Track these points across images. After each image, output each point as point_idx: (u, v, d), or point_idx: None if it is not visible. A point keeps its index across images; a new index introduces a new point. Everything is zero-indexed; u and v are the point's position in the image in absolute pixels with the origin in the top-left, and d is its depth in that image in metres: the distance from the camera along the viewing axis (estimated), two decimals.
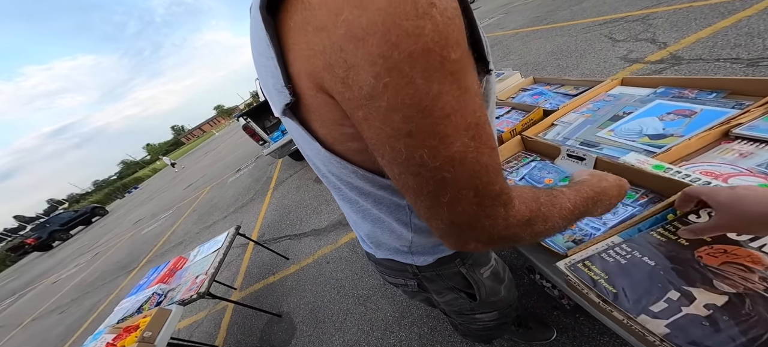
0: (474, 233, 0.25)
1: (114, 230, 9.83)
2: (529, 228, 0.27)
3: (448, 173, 0.21)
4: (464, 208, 0.23)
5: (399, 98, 0.18)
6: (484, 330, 0.69)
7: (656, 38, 2.00)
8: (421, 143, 0.20)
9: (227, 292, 2.20)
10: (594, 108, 0.80)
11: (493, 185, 0.23)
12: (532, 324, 1.00)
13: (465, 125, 0.20)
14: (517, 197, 0.26)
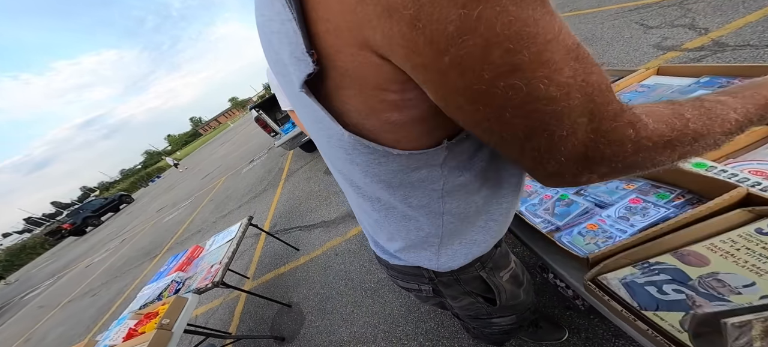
0: (594, 164, 0.22)
1: (139, 218, 10.49)
2: (671, 152, 0.23)
3: (564, 103, 0.19)
4: (581, 138, 0.20)
5: (497, 28, 0.16)
6: (500, 334, 0.66)
7: (696, 23, 1.81)
8: (533, 76, 0.17)
9: (240, 281, 2.30)
10: (624, 99, 0.73)
11: (609, 104, 0.20)
12: (542, 324, 0.98)
13: (566, 48, 0.18)
14: (647, 115, 0.22)
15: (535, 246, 0.61)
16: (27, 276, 14.17)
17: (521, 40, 0.16)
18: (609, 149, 0.21)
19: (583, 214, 0.59)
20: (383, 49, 0.18)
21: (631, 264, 0.46)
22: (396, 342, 1.26)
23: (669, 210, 0.50)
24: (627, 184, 0.58)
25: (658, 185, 0.54)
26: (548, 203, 0.65)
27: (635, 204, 0.54)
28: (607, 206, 0.57)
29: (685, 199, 0.51)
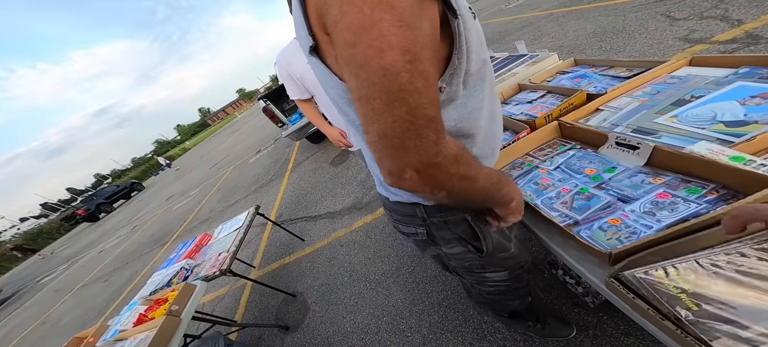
0: (405, 154, 0.30)
1: (149, 206, 10.78)
2: (456, 165, 0.33)
3: (378, 79, 0.27)
4: (396, 120, 0.28)
5: (350, 19, 0.26)
6: (497, 294, 0.69)
7: (728, 15, 1.71)
8: (360, 51, 0.26)
9: (247, 270, 2.34)
10: (652, 92, 0.69)
11: (425, 108, 0.29)
12: (549, 320, 0.96)
13: (401, 48, 0.26)
14: (449, 136, 0.33)
15: (550, 241, 0.59)
16: (44, 260, 14.84)
17: (361, 28, 0.25)
18: (418, 141, 0.29)
19: (605, 208, 0.56)
20: (327, 31, 0.30)
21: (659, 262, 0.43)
22: (400, 334, 1.26)
23: (700, 206, 0.47)
24: (654, 178, 0.55)
25: (689, 179, 0.51)
26: (566, 197, 0.62)
27: (663, 199, 0.51)
28: (631, 201, 0.54)
29: (718, 194, 0.47)
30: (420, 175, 0.31)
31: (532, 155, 0.78)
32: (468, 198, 0.39)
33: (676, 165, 0.53)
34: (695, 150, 0.50)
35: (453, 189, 0.35)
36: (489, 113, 0.45)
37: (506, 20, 4.67)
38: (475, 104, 0.41)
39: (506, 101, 1.09)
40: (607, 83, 0.83)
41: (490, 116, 0.46)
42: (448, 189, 0.35)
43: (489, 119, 0.45)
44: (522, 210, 0.48)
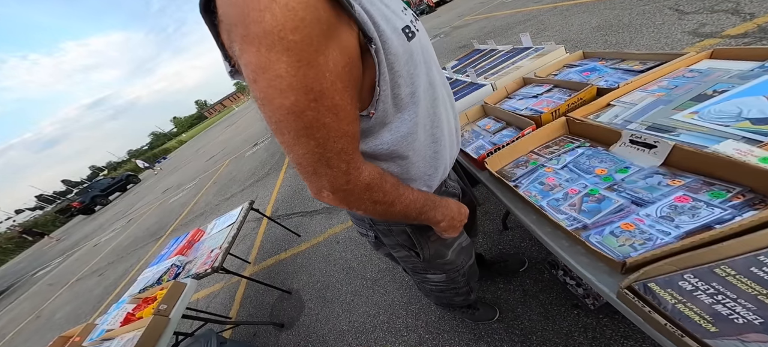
0: (319, 179, 0.34)
1: (145, 198, 10.68)
2: (368, 193, 0.37)
3: (283, 117, 0.29)
4: (307, 153, 0.32)
5: (249, 58, 0.27)
6: (437, 292, 0.77)
7: (740, 8, 1.65)
8: (260, 89, 0.28)
9: (242, 265, 2.30)
10: (669, 86, 0.64)
11: (335, 142, 0.32)
12: (479, 306, 1.08)
13: (301, 88, 0.27)
14: (365, 165, 0.37)
15: (556, 245, 0.55)
16: (40, 253, 14.78)
17: (259, 68, 0.27)
18: (329, 171, 0.33)
19: (617, 211, 0.51)
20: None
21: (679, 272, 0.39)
22: (396, 333, 1.24)
23: (725, 212, 0.43)
24: (672, 179, 0.50)
25: (712, 182, 0.47)
26: (575, 198, 0.58)
27: (682, 203, 0.47)
28: (646, 204, 0.50)
29: (745, 199, 0.43)
30: (335, 195, 0.35)
31: (537, 153, 0.74)
32: (387, 218, 0.44)
33: (698, 166, 0.48)
34: (721, 150, 0.45)
35: (368, 210, 0.39)
36: (428, 136, 0.45)
37: (509, 13, 4.57)
38: (409, 127, 0.41)
39: (510, 95, 1.03)
40: (618, 77, 0.78)
41: (430, 138, 0.46)
42: (363, 210, 0.39)
43: (428, 140, 0.46)
44: (457, 229, 0.53)
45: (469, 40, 4.41)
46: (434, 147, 0.47)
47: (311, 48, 0.27)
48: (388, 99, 0.36)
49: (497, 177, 0.67)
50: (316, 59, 0.27)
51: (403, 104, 0.38)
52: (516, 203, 0.64)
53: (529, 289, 1.11)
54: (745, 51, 0.59)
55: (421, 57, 0.38)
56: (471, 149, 0.87)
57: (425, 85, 0.41)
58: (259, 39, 0.25)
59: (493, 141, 0.85)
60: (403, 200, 0.42)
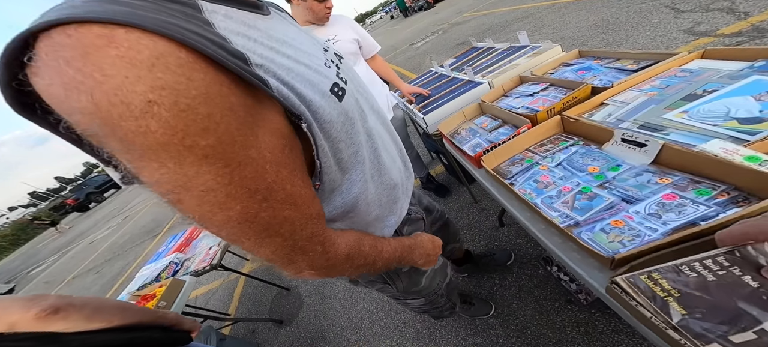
0: (297, 265, 0.32)
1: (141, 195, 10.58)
2: (349, 262, 0.37)
3: (235, 227, 0.25)
4: (275, 249, 0.29)
5: (155, 176, 0.20)
6: (419, 311, 0.79)
7: (735, 7, 1.67)
8: (191, 209, 0.23)
9: (240, 262, 2.31)
10: (661, 86, 0.65)
11: (301, 230, 0.29)
12: (474, 302, 1.10)
13: (247, 193, 0.23)
14: (339, 237, 0.36)
15: (549, 242, 0.56)
16: (34, 250, 14.64)
17: (180, 188, 0.21)
18: (305, 257, 0.31)
19: (608, 209, 0.53)
20: None
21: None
22: (394, 329, 1.26)
23: (710, 209, 0.44)
24: (661, 178, 0.52)
25: (699, 180, 0.48)
26: (567, 196, 0.59)
27: (670, 200, 0.48)
28: (635, 202, 0.51)
29: (729, 196, 0.45)
30: (317, 272, 0.34)
31: (532, 151, 0.75)
32: (371, 272, 0.43)
33: (686, 164, 0.50)
34: (708, 149, 0.47)
35: (352, 274, 0.40)
36: (379, 185, 0.44)
37: (507, 10, 4.55)
38: (360, 187, 0.39)
39: (507, 93, 1.04)
40: (613, 76, 0.79)
41: (381, 187, 0.45)
42: (347, 275, 0.40)
43: (380, 189, 0.45)
44: (433, 261, 0.55)
45: (466, 37, 4.40)
46: (388, 192, 0.46)
47: (236, 145, 0.21)
48: (332, 167, 0.34)
49: (493, 175, 0.68)
50: (247, 155, 0.22)
51: (348, 166, 0.36)
52: (511, 200, 0.65)
53: (524, 285, 1.13)
54: (735, 51, 0.61)
55: (356, 112, 0.35)
56: (468, 146, 0.88)
57: (365, 138, 0.38)
58: (156, 154, 0.19)
59: (490, 139, 0.86)
60: (383, 256, 0.42)
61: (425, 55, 4.96)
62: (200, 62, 0.19)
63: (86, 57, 0.16)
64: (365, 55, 1.29)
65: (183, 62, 0.18)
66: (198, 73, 0.19)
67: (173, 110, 0.18)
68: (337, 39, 1.15)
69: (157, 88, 0.17)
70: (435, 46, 5.34)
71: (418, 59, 4.99)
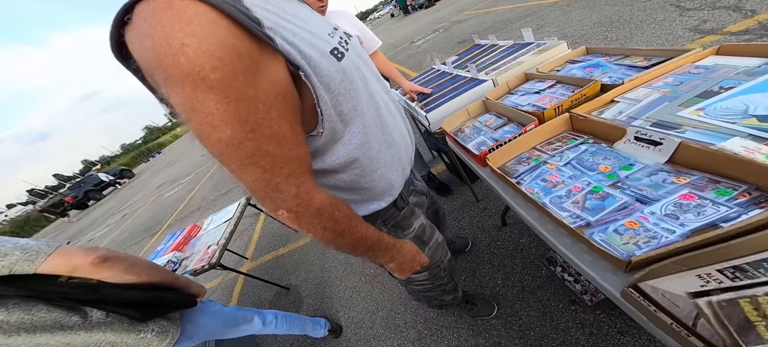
0: (272, 202, 0.35)
1: (140, 193, 10.55)
2: (319, 218, 0.38)
3: (224, 150, 0.30)
4: (255, 180, 0.33)
5: (176, 99, 0.28)
6: (424, 291, 0.79)
7: (742, 5, 1.65)
8: (194, 126, 0.29)
9: (239, 261, 2.29)
10: (675, 82, 0.63)
11: (282, 166, 0.33)
12: (477, 302, 1.11)
13: (235, 120, 0.29)
14: (317, 191, 0.38)
15: (559, 243, 0.54)
16: (69, 223, 14.51)
17: (189, 108, 0.28)
18: (277, 194, 0.34)
19: (622, 209, 0.51)
20: None
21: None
22: (394, 329, 1.24)
23: (731, 210, 0.42)
24: (677, 177, 0.50)
25: (718, 179, 0.46)
26: (578, 196, 0.57)
27: (688, 201, 0.46)
28: (651, 202, 0.49)
29: (751, 197, 0.43)
30: (290, 214, 0.36)
31: (539, 150, 0.73)
32: (336, 247, 0.43)
33: (704, 164, 0.48)
34: (728, 147, 0.45)
35: (317, 235, 0.40)
36: (381, 142, 0.48)
37: (509, 8, 4.52)
38: (360, 138, 0.44)
39: (512, 91, 1.02)
40: (622, 73, 0.77)
41: (383, 144, 0.49)
42: (313, 233, 0.40)
43: (382, 147, 0.49)
44: (405, 273, 0.55)
45: (468, 35, 4.37)
46: (390, 152, 0.51)
47: (237, 83, 0.28)
48: (334, 117, 0.39)
49: (499, 174, 0.66)
50: (244, 93, 0.28)
51: (349, 118, 0.41)
52: (518, 200, 0.63)
53: (527, 285, 1.11)
54: (752, 47, 0.59)
55: (355, 73, 0.42)
56: (472, 144, 0.85)
57: (366, 97, 0.44)
58: (181, 81, 0.26)
59: (495, 137, 0.84)
60: (353, 233, 0.43)
61: (426, 53, 4.93)
62: (224, 21, 0.27)
63: (154, 16, 0.25)
64: (366, 51, 1.26)
65: (212, 20, 0.26)
66: (220, 28, 0.27)
67: (197, 51, 0.25)
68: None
69: (190, 35, 0.25)
70: (436, 44, 5.30)
71: (419, 57, 4.95)
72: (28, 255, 0.56)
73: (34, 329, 0.55)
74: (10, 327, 0.53)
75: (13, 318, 0.54)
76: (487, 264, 1.26)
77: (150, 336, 0.66)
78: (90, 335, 0.59)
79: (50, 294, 0.57)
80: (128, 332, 0.64)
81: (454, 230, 1.49)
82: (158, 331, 0.68)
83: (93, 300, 0.61)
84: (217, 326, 0.87)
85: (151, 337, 0.66)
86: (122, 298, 0.63)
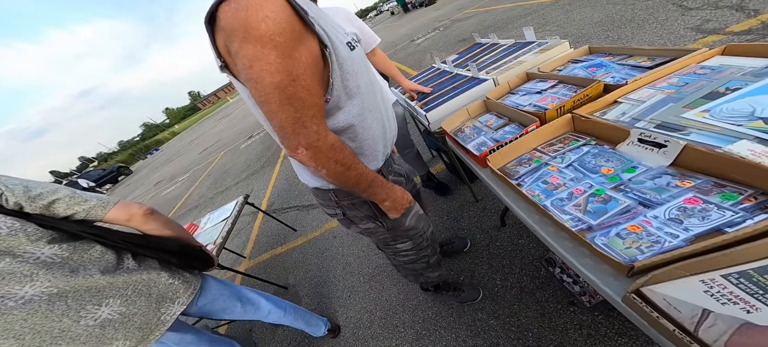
0: (297, 137, 0.46)
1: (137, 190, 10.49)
2: (333, 152, 0.50)
3: (272, 91, 0.43)
4: (288, 117, 0.45)
5: (247, 52, 0.41)
6: (410, 263, 0.88)
7: (745, 5, 1.63)
8: (257, 70, 0.42)
9: (237, 260, 2.27)
10: (679, 83, 0.62)
11: (309, 109, 0.46)
12: (464, 288, 1.18)
13: (285, 70, 0.42)
14: (330, 132, 0.51)
15: (559, 246, 0.53)
16: None
17: (256, 57, 0.41)
18: (303, 129, 0.46)
19: (624, 213, 0.50)
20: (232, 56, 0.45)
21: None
22: (393, 330, 1.24)
23: (736, 214, 0.41)
24: (681, 180, 0.49)
25: (723, 184, 0.45)
26: (580, 198, 0.56)
27: (692, 205, 0.45)
28: (654, 206, 0.48)
29: (757, 201, 0.42)
30: (308, 151, 0.47)
31: (540, 151, 0.71)
32: (344, 181, 0.54)
33: (709, 167, 0.47)
34: (734, 150, 0.44)
35: (330, 169, 0.51)
36: (373, 118, 0.61)
37: (510, 7, 4.49)
38: (358, 110, 0.56)
39: (513, 90, 1.01)
40: (626, 74, 0.76)
41: (375, 121, 0.61)
42: (327, 168, 0.50)
43: (375, 122, 0.61)
44: (399, 210, 0.66)
45: (469, 33, 4.34)
46: (378, 126, 0.63)
47: (290, 46, 0.42)
48: (340, 89, 0.51)
49: (499, 175, 0.65)
50: (293, 54, 0.42)
51: (352, 93, 0.53)
52: (518, 202, 0.62)
53: (525, 286, 1.11)
54: (760, 47, 0.57)
55: (361, 62, 0.56)
56: (472, 145, 0.84)
57: (366, 81, 0.57)
58: (256, 39, 0.39)
59: (496, 138, 0.83)
60: (357, 168, 0.55)
61: (426, 51, 4.90)
62: (288, 7, 0.42)
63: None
64: (365, 48, 1.24)
65: (282, 5, 0.41)
66: (286, 11, 0.42)
67: (273, 21, 0.40)
68: None
69: (271, 11, 0.40)
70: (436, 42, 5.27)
71: (419, 56, 4.92)
72: (102, 203, 0.71)
73: (89, 266, 0.66)
74: (74, 264, 0.65)
75: (76, 256, 0.65)
76: (486, 264, 1.26)
77: (177, 282, 0.79)
78: (130, 276, 0.71)
79: (111, 236, 0.71)
80: (160, 277, 0.75)
81: (453, 231, 1.48)
82: (183, 280, 0.80)
83: (141, 244, 0.76)
84: (226, 293, 0.96)
85: (179, 284, 0.79)
86: (164, 245, 0.79)
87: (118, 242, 0.72)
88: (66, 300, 0.62)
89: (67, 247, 0.64)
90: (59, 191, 0.67)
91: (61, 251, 0.63)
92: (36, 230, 0.61)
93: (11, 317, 0.56)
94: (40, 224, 0.62)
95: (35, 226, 0.62)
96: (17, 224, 0.59)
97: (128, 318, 0.68)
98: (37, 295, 0.59)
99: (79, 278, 0.63)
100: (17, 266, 0.58)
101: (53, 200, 0.65)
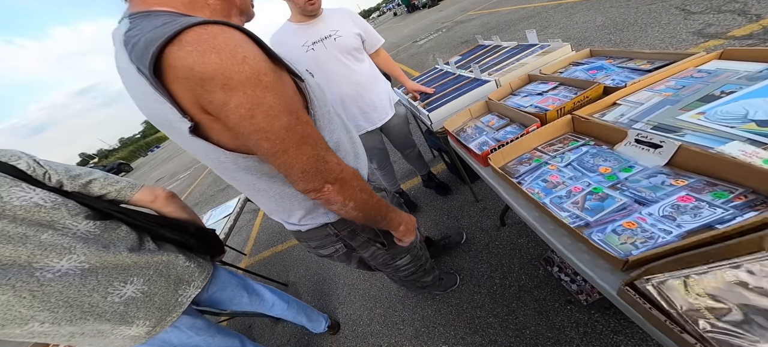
0: (322, 175, 0.43)
1: None
2: (356, 179, 0.48)
3: (285, 135, 0.38)
4: (309, 157, 0.41)
5: (239, 100, 0.35)
6: (411, 275, 0.88)
7: (747, 9, 1.64)
8: (260, 120, 0.36)
9: (237, 257, 2.29)
10: (677, 86, 0.64)
11: (321, 142, 0.43)
12: (443, 277, 1.22)
13: (287, 111, 0.38)
14: (349, 169, 0.48)
15: (558, 243, 0.55)
16: None
17: (254, 104, 0.36)
18: (327, 165, 0.43)
19: (620, 210, 0.51)
20: (212, 112, 0.37)
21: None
22: (392, 327, 1.25)
23: (727, 212, 0.43)
24: (675, 179, 0.50)
25: (715, 182, 0.47)
26: (578, 196, 0.58)
27: (685, 203, 0.47)
28: (649, 203, 0.50)
29: (746, 200, 0.43)
30: (334, 186, 0.44)
31: (541, 150, 0.73)
32: (369, 210, 0.51)
33: (702, 166, 0.48)
34: (727, 151, 0.45)
35: (357, 199, 0.48)
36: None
37: (512, 9, 4.51)
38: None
39: (514, 92, 1.02)
40: (625, 76, 0.77)
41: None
42: (354, 199, 0.48)
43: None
44: (413, 232, 0.64)
45: (472, 35, 4.36)
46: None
47: (277, 83, 0.38)
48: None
49: (500, 173, 0.67)
50: (283, 90, 0.39)
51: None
52: (518, 199, 0.64)
53: (524, 285, 1.12)
54: (755, 52, 0.59)
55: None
56: (474, 144, 0.86)
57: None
58: (245, 84, 0.34)
59: (497, 137, 0.84)
60: (375, 197, 0.53)
61: (429, 52, 4.92)
62: (256, 45, 0.37)
63: (215, 37, 0.33)
64: (368, 49, 1.25)
65: (250, 42, 0.36)
66: (257, 49, 0.37)
67: (254, 60, 0.35)
68: (338, 34, 1.11)
69: (247, 51, 0.35)
70: (439, 43, 5.29)
71: (422, 57, 4.94)
72: (130, 186, 0.76)
73: (118, 244, 0.69)
74: (105, 240, 0.68)
75: (107, 234, 0.69)
76: (485, 263, 1.27)
77: (193, 266, 0.82)
78: (152, 256, 0.74)
79: (136, 217, 0.74)
80: (177, 259, 0.78)
81: (453, 230, 1.49)
82: (198, 264, 0.84)
83: (164, 225, 0.80)
84: (234, 282, 0.98)
85: (194, 267, 0.82)
86: (183, 226, 0.84)
87: (143, 223, 0.75)
88: (96, 276, 0.64)
89: (99, 224, 0.68)
90: (94, 173, 0.72)
91: (94, 228, 0.67)
92: (75, 206, 0.65)
93: (49, 289, 0.58)
94: (78, 202, 0.67)
95: (74, 202, 0.66)
96: (59, 199, 0.63)
97: (149, 297, 0.71)
98: (71, 269, 0.61)
99: (109, 254, 0.66)
100: (58, 238, 0.60)
101: (90, 180, 0.70)
